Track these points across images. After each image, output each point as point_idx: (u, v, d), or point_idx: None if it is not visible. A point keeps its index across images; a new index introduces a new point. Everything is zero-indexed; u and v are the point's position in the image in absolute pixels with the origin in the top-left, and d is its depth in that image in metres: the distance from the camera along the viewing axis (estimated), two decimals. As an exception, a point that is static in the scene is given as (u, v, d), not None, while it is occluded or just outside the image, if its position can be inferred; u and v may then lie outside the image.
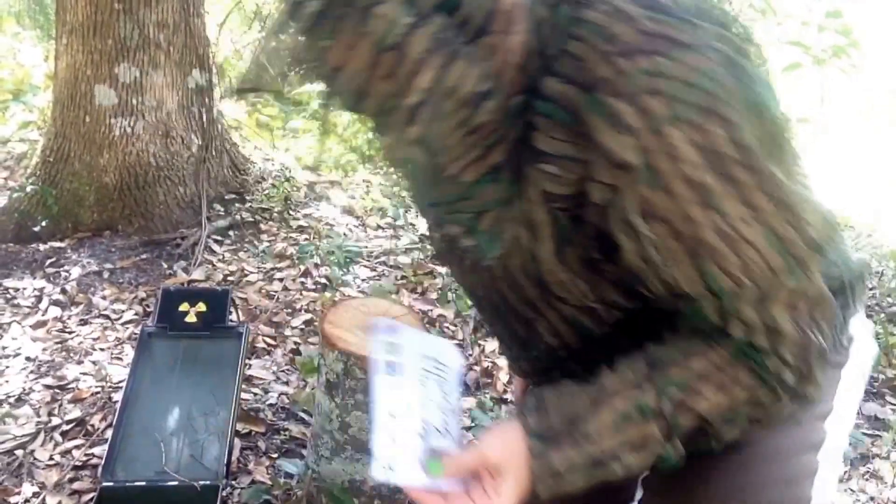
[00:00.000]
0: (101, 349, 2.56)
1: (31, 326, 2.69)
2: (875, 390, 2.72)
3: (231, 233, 3.44)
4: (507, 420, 1.02)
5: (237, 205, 3.68)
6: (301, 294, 2.98)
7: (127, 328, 2.68)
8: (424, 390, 1.05)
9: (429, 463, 0.99)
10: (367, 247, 3.43)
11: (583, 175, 0.87)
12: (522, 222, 0.94)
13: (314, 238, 3.49)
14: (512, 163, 0.90)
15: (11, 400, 2.28)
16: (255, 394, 2.31)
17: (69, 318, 2.75)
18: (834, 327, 0.94)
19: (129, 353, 2.52)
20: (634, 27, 0.81)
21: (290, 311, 2.85)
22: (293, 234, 3.53)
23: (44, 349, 2.55)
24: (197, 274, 3.05)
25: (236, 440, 2.02)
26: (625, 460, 0.94)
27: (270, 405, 2.27)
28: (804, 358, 0.89)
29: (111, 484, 1.77)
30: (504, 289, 1.04)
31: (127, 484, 1.78)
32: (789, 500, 0.98)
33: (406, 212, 3.91)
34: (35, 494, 1.92)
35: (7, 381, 2.36)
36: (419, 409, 1.04)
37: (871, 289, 3.42)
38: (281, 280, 3.07)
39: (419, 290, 3.06)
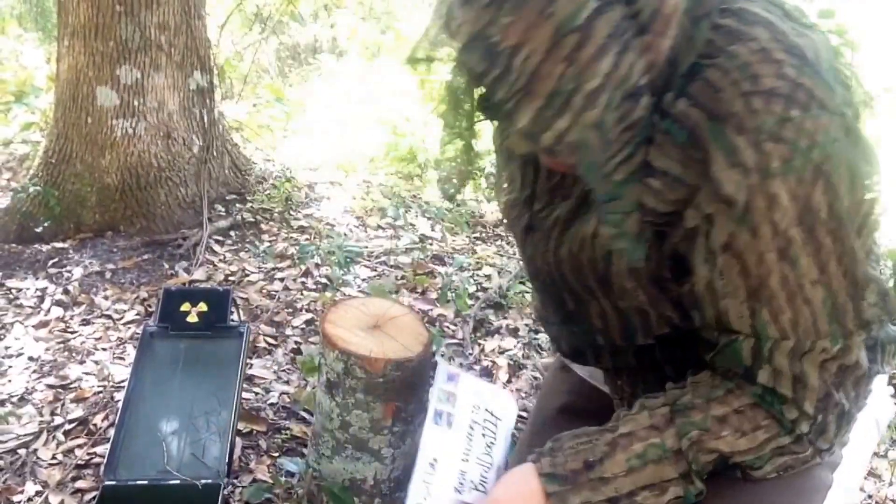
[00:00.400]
0: (103, 349, 2.57)
1: (33, 326, 2.70)
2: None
3: (232, 233, 3.46)
4: (519, 465, 1.04)
5: (238, 205, 3.69)
6: (302, 294, 2.99)
7: (129, 328, 2.70)
8: (470, 443, 1.08)
9: None
10: (367, 247, 3.45)
11: (684, 198, 0.89)
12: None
13: (315, 238, 3.50)
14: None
15: (14, 399, 2.29)
16: (257, 393, 2.32)
17: (71, 318, 2.76)
18: (861, 394, 0.95)
19: (130, 352, 2.53)
20: (777, 72, 0.82)
21: (290, 310, 2.86)
22: (294, 235, 3.54)
23: (46, 349, 2.56)
24: (198, 274, 3.06)
25: (238, 439, 2.03)
26: (643, 501, 0.96)
27: (271, 404, 2.28)
28: (823, 411, 0.92)
29: (113, 482, 1.78)
30: (566, 270, 1.06)
31: (129, 482, 1.79)
32: None
33: (406, 212, 3.92)
34: (38, 493, 1.92)
35: (10, 381, 2.38)
36: (459, 463, 1.07)
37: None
38: (282, 280, 3.08)
39: (419, 289, 3.07)
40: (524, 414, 2.31)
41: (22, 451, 2.06)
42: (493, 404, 1.10)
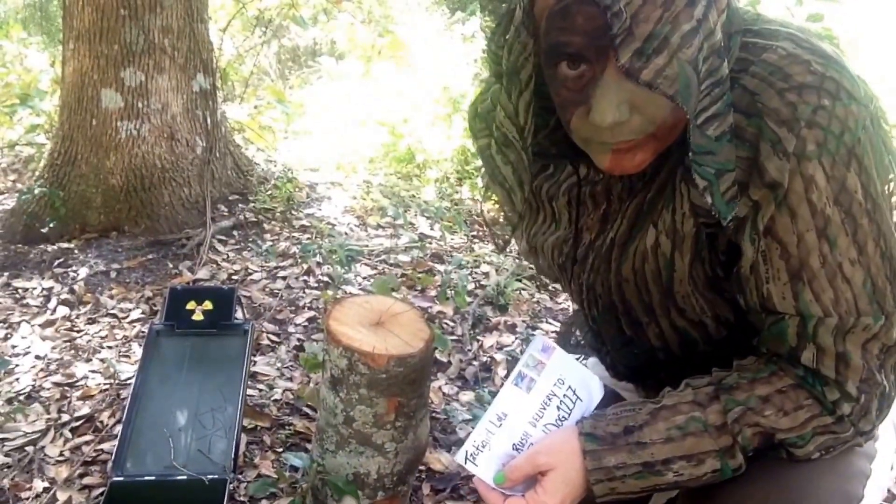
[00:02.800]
0: (109, 347, 2.60)
1: (40, 325, 2.73)
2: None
3: (235, 233, 3.48)
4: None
5: (241, 205, 3.72)
6: (304, 292, 3.02)
7: (134, 326, 2.72)
8: (543, 411, 1.09)
9: (496, 478, 1.05)
10: (367, 245, 3.47)
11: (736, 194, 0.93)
12: (668, 231, 1.02)
13: (316, 237, 3.52)
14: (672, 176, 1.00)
15: (22, 397, 2.32)
16: (261, 390, 2.34)
17: (77, 317, 2.79)
18: None
19: (136, 350, 2.56)
20: (806, 69, 0.89)
21: (293, 308, 2.89)
22: (296, 234, 3.57)
23: (53, 347, 2.59)
24: (202, 273, 3.09)
25: (243, 435, 2.05)
26: (679, 470, 0.98)
27: (275, 401, 2.30)
28: (866, 392, 0.94)
29: (121, 478, 1.79)
30: (628, 291, 1.10)
31: (136, 478, 1.80)
32: (842, 493, 0.99)
33: (405, 211, 3.94)
34: (46, 490, 1.94)
35: (17, 379, 2.40)
36: (526, 425, 1.08)
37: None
38: (284, 278, 3.11)
39: (419, 287, 3.09)
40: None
41: (29, 449, 2.08)
42: (579, 385, 1.11)
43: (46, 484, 1.97)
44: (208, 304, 2.15)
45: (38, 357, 2.53)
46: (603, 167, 0.98)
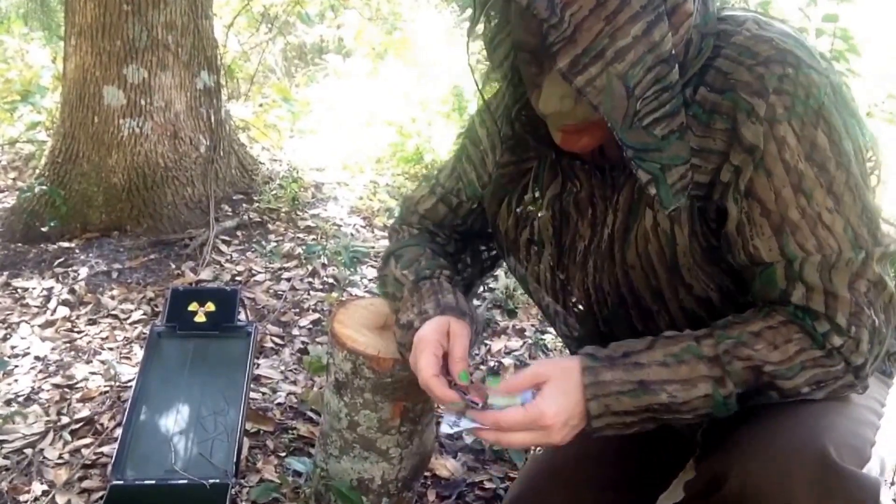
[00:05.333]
0: (110, 349, 2.57)
1: (39, 326, 2.70)
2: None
3: (239, 233, 3.46)
4: None
5: (245, 205, 3.69)
6: (309, 294, 2.99)
7: (135, 328, 2.70)
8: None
9: (488, 378, 1.09)
10: (373, 247, 3.44)
11: (719, 163, 1.03)
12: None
13: (321, 238, 3.50)
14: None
15: (21, 399, 2.29)
16: (264, 393, 2.31)
17: (78, 318, 2.76)
18: (891, 318, 1.03)
19: (137, 352, 2.53)
20: (770, 45, 1.01)
21: (297, 310, 2.86)
22: (300, 235, 3.54)
23: (52, 348, 2.56)
24: (205, 274, 3.06)
25: (245, 439, 2.02)
26: (673, 392, 1.03)
27: (279, 404, 2.28)
28: (856, 325, 1.00)
29: (121, 482, 1.78)
30: (636, 277, 1.16)
31: (136, 482, 1.78)
32: (856, 433, 1.01)
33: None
34: (45, 493, 1.92)
35: (16, 381, 2.37)
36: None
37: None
38: (288, 280, 3.08)
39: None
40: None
41: (28, 451, 2.06)
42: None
43: (45, 487, 1.94)
44: (211, 306, 2.14)
45: (37, 358, 2.51)
46: (557, 142, 1.09)
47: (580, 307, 1.27)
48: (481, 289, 3.08)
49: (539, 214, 1.24)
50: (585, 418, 1.05)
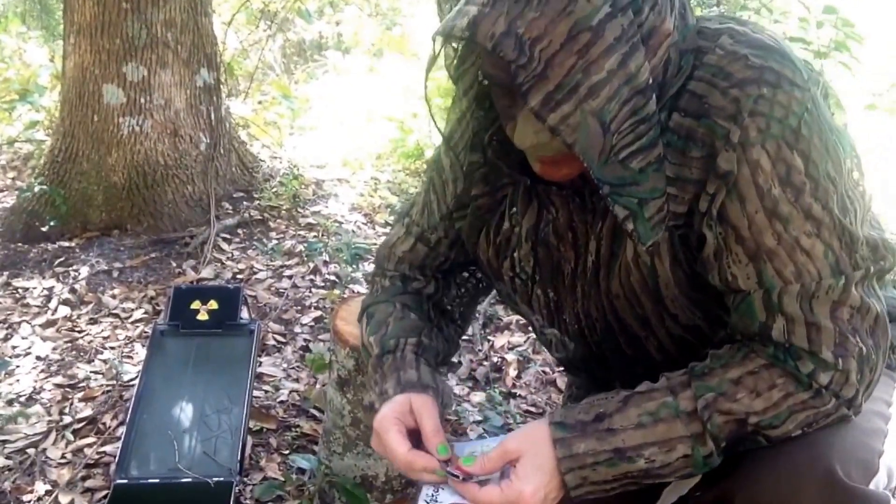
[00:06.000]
0: (112, 348, 2.56)
1: (40, 326, 2.69)
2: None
3: (240, 231, 3.44)
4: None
5: (245, 203, 3.68)
6: (310, 291, 2.98)
7: (137, 327, 2.69)
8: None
9: (464, 459, 1.03)
10: (375, 244, 3.43)
11: (696, 192, 0.99)
12: None
13: (322, 235, 3.49)
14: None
15: (23, 399, 2.28)
16: (266, 391, 2.30)
17: (79, 317, 2.75)
18: (879, 342, 0.99)
19: (139, 351, 2.53)
20: (745, 64, 0.95)
21: (299, 308, 2.85)
22: (302, 232, 3.53)
23: (54, 348, 2.55)
24: (206, 272, 3.05)
25: (248, 437, 2.02)
26: (650, 457, 0.98)
27: (282, 402, 2.27)
28: (842, 356, 0.95)
29: (125, 481, 1.77)
30: (621, 307, 1.13)
31: (141, 481, 1.78)
32: (865, 445, 0.99)
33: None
34: (48, 493, 1.91)
35: (18, 381, 2.37)
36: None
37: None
38: (290, 277, 3.07)
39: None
40: (533, 409, 2.31)
41: (31, 451, 2.05)
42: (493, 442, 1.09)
43: (48, 487, 1.94)
44: (213, 304, 2.14)
45: (38, 358, 2.50)
46: (536, 171, 1.04)
47: (574, 327, 1.23)
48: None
49: (520, 249, 1.19)
50: (563, 488, 1.01)
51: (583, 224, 1.12)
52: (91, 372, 2.42)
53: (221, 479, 1.78)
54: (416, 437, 1.09)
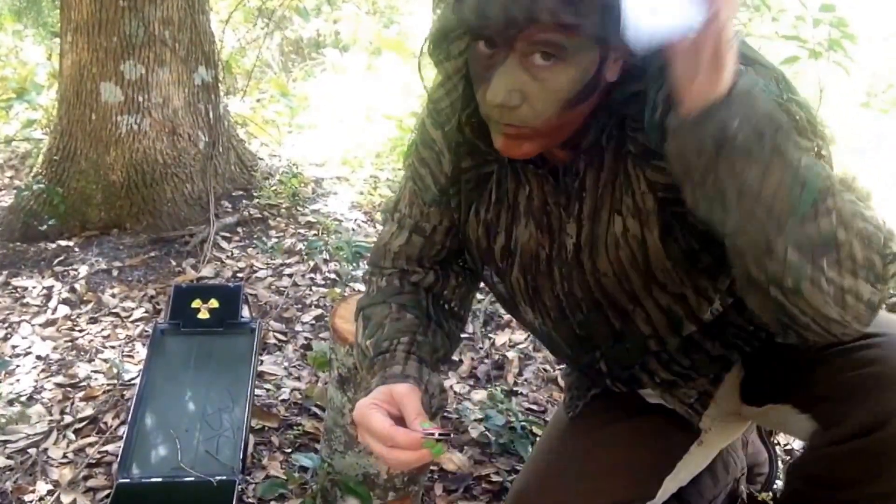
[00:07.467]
0: (112, 347, 2.56)
1: (40, 325, 2.69)
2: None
3: (239, 229, 3.44)
4: None
5: (245, 201, 3.67)
6: (311, 290, 2.97)
7: (137, 326, 2.68)
8: None
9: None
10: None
11: None
12: (633, 213, 1.07)
13: (322, 234, 3.48)
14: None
15: (23, 398, 2.27)
16: (268, 389, 2.30)
17: (79, 317, 2.75)
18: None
19: (139, 350, 2.52)
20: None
21: (299, 306, 2.85)
22: (301, 230, 3.52)
23: (54, 348, 2.55)
24: (206, 271, 3.05)
25: (251, 436, 2.01)
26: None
27: (283, 401, 2.26)
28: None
29: (127, 480, 1.77)
30: (609, 284, 1.14)
31: (143, 480, 1.77)
32: None
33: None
34: (49, 492, 1.91)
35: (18, 380, 2.36)
36: None
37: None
38: (290, 276, 3.07)
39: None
40: (534, 407, 2.30)
41: (32, 451, 2.05)
42: None
43: (50, 486, 1.93)
44: (214, 303, 2.13)
45: (38, 357, 2.49)
46: (497, 146, 1.03)
47: (555, 311, 1.23)
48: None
49: (518, 225, 1.19)
50: None
51: (557, 208, 1.13)
52: (92, 371, 2.41)
53: (224, 477, 1.77)
54: (400, 426, 1.03)
